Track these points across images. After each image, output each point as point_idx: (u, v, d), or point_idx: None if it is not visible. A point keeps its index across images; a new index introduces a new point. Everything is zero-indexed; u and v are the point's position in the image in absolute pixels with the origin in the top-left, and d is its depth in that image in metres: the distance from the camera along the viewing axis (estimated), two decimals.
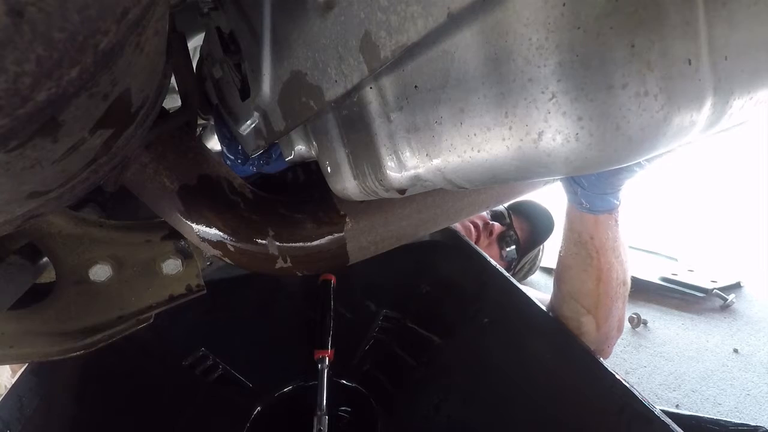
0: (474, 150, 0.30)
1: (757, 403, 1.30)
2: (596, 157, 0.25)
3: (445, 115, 0.31)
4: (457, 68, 0.29)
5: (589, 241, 0.78)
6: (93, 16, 0.19)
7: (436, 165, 0.35)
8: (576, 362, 0.75)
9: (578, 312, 0.82)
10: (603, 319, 0.82)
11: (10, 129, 0.20)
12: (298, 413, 0.79)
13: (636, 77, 0.22)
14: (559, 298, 0.85)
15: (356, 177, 0.45)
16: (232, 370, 0.88)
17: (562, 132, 0.25)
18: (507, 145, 0.28)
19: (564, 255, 0.84)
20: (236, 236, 0.55)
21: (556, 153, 0.26)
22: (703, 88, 0.24)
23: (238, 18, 0.48)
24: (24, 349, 0.58)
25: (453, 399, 0.79)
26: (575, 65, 0.23)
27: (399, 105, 0.35)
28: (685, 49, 0.23)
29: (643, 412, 0.63)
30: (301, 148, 0.52)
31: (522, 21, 0.24)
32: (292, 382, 0.87)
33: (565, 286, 0.84)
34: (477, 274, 0.96)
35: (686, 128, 0.25)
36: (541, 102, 0.25)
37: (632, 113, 0.23)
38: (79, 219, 0.58)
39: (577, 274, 0.81)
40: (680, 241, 2.19)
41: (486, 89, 0.27)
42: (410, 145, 0.36)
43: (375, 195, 0.45)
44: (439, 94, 0.31)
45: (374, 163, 0.40)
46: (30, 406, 0.76)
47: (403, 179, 0.39)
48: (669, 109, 0.23)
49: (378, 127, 0.38)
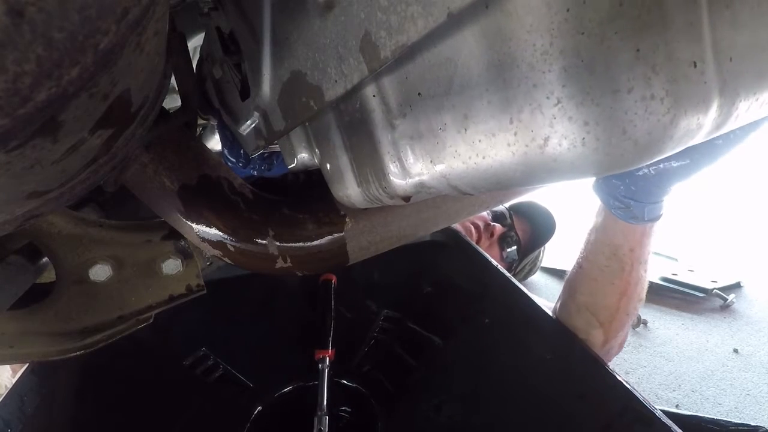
0: (479, 156, 0.30)
1: (757, 403, 1.30)
2: (603, 162, 0.25)
3: (449, 122, 0.31)
4: (461, 75, 0.29)
5: (628, 254, 0.74)
6: (93, 16, 0.19)
7: (440, 171, 0.34)
8: (577, 363, 0.75)
9: (591, 325, 0.79)
10: (613, 335, 0.80)
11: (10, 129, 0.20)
12: (299, 413, 0.79)
13: (642, 81, 0.22)
14: (572, 308, 0.82)
15: (360, 185, 0.44)
16: (232, 370, 0.88)
17: (568, 137, 0.24)
18: (512, 151, 0.28)
19: (589, 267, 0.79)
20: (236, 236, 0.55)
21: (562, 158, 0.25)
22: (709, 91, 0.24)
23: (238, 18, 0.48)
24: (24, 349, 0.58)
25: (454, 399, 0.79)
26: (580, 70, 0.23)
27: (402, 112, 0.35)
28: (689, 52, 0.23)
29: (645, 414, 0.63)
30: (303, 156, 0.52)
31: (525, 27, 0.24)
32: (292, 382, 0.87)
33: (582, 298, 0.80)
34: (478, 274, 0.96)
35: (693, 131, 0.25)
36: (546, 107, 0.24)
37: (638, 117, 0.23)
38: (79, 219, 0.58)
39: (603, 286, 0.77)
40: (680, 241, 2.19)
41: (490, 95, 0.27)
42: (414, 152, 0.36)
43: (379, 202, 0.45)
44: (443, 101, 0.31)
45: (378, 170, 0.40)
46: (31, 405, 0.76)
47: (408, 186, 0.39)
48: (675, 112, 0.23)
49: (381, 134, 0.38)
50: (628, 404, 0.65)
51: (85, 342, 0.60)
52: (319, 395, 0.78)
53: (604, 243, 0.76)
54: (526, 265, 1.69)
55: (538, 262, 1.76)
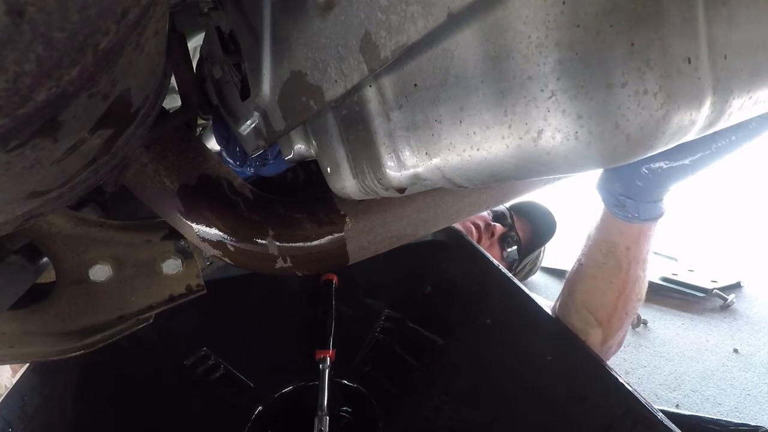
0: (473, 148, 0.30)
1: (757, 403, 1.30)
2: (595, 156, 0.25)
3: (444, 114, 0.31)
4: (457, 66, 0.29)
5: (624, 252, 0.74)
6: (93, 16, 0.19)
7: (435, 163, 0.34)
8: (579, 364, 0.75)
9: (589, 323, 0.79)
10: (611, 334, 0.80)
11: (10, 129, 0.20)
12: (299, 413, 0.79)
13: (635, 75, 0.22)
14: (570, 307, 0.82)
15: (356, 176, 0.44)
16: (233, 370, 0.88)
17: (562, 130, 0.24)
18: (506, 143, 0.28)
19: (587, 265, 0.80)
20: (236, 236, 0.55)
21: (555, 151, 0.25)
22: (702, 87, 0.24)
23: (238, 18, 0.47)
24: (24, 349, 0.58)
25: (454, 400, 0.79)
26: (575, 63, 0.23)
27: (398, 103, 0.35)
28: (684, 48, 0.23)
29: (648, 417, 0.63)
30: (300, 146, 0.52)
31: (521, 19, 0.24)
32: (293, 382, 0.87)
33: (581, 296, 0.81)
34: (480, 274, 0.96)
35: (686, 127, 0.24)
36: (540, 100, 0.24)
37: (631, 111, 0.23)
38: (79, 219, 0.58)
39: (600, 284, 0.78)
40: (680, 241, 2.19)
41: (485, 87, 0.27)
42: (410, 144, 0.36)
43: (374, 194, 0.45)
44: (439, 93, 0.31)
45: (373, 161, 0.40)
46: (32, 405, 0.77)
47: (403, 178, 0.39)
48: (668, 107, 0.23)
49: (377, 125, 0.38)
50: (630, 406, 0.65)
51: (85, 342, 0.60)
52: (319, 395, 0.78)
53: (601, 240, 0.77)
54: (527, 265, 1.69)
55: (538, 262, 1.76)
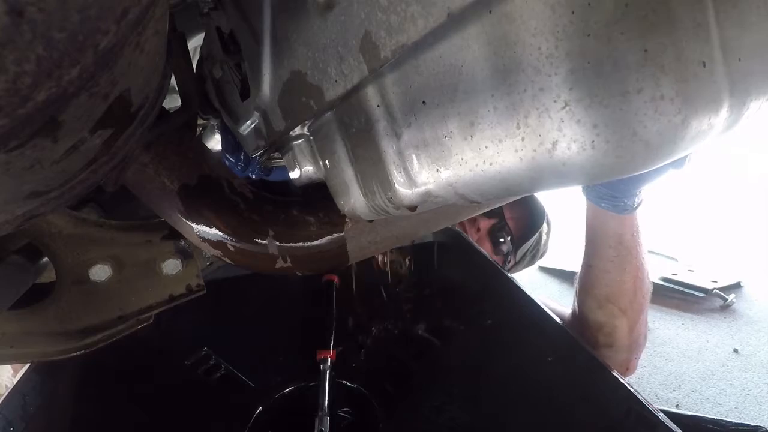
0: (486, 163, 0.30)
1: (757, 403, 1.30)
2: (613, 164, 0.24)
3: (454, 130, 0.31)
4: (465, 81, 0.28)
5: (631, 239, 0.84)
6: (93, 16, 0.19)
7: (447, 180, 0.34)
8: (580, 365, 0.75)
9: (614, 315, 0.86)
10: (636, 319, 0.87)
11: (10, 129, 0.20)
12: (300, 414, 0.79)
13: (651, 81, 0.22)
14: (592, 305, 0.89)
15: (365, 195, 0.44)
16: (234, 370, 0.88)
17: (578, 140, 0.24)
18: (520, 156, 0.27)
19: (598, 262, 0.88)
20: (236, 236, 0.55)
21: (571, 162, 0.25)
22: (719, 90, 0.23)
23: (238, 18, 0.48)
24: (24, 349, 0.58)
25: (455, 401, 0.79)
26: (587, 72, 0.22)
27: (407, 122, 0.35)
28: (698, 52, 0.23)
29: (649, 418, 0.62)
30: (308, 168, 0.51)
31: (530, 31, 0.23)
32: (293, 382, 0.87)
33: (601, 291, 0.88)
34: (479, 275, 0.96)
35: (704, 131, 0.24)
36: (553, 111, 0.24)
37: (649, 118, 0.22)
38: (79, 219, 0.58)
39: (617, 276, 0.86)
40: (680, 241, 2.19)
41: (496, 101, 0.27)
42: (420, 161, 0.35)
43: (385, 213, 0.44)
44: (448, 109, 0.30)
45: (383, 181, 0.40)
46: (33, 404, 0.76)
47: (414, 196, 0.38)
48: (687, 112, 0.23)
49: (386, 144, 0.37)
50: (630, 407, 0.65)
51: (85, 342, 0.60)
52: (320, 396, 0.78)
53: (607, 236, 0.85)
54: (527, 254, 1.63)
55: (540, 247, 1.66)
